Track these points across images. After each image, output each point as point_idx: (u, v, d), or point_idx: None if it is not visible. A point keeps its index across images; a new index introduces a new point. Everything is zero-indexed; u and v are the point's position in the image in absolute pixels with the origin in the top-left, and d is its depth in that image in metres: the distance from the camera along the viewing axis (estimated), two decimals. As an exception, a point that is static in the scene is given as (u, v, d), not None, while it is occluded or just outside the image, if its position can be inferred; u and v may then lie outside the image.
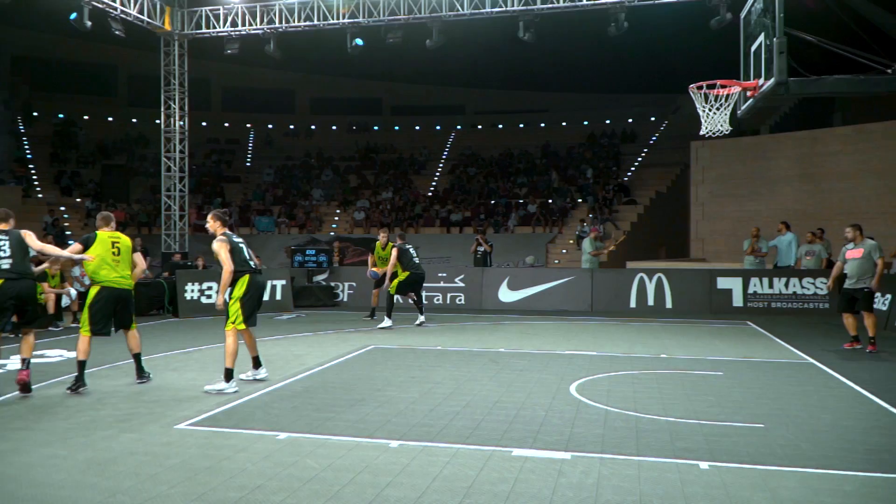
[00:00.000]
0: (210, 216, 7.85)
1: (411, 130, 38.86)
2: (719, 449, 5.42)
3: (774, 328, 12.78)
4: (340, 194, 31.46)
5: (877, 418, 6.42)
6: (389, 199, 30.51)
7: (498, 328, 13.20)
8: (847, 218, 20.58)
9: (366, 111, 40.84)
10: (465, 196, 30.18)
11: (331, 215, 30.36)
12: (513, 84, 40.08)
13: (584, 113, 37.59)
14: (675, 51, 29.67)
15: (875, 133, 21.58)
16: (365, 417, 6.34)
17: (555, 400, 7.05)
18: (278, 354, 9.95)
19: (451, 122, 39.30)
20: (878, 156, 21.17)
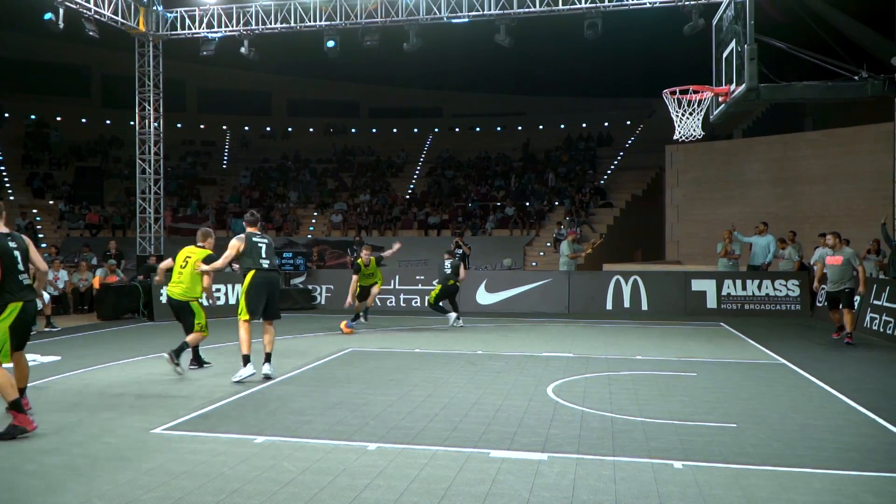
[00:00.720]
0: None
1: (389, 133, 38.82)
2: (693, 448, 5.51)
3: (747, 329, 12.98)
4: (318, 197, 31.34)
5: (846, 417, 6.56)
6: (367, 202, 30.46)
7: (476, 330, 13.24)
8: (818, 221, 20.99)
9: (343, 113, 40.76)
10: (443, 199, 30.21)
11: (308, 218, 30.21)
12: (490, 87, 40.30)
13: (560, 116, 37.85)
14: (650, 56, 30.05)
15: (844, 138, 22.02)
16: (343, 420, 6.34)
17: (532, 401, 7.10)
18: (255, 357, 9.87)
19: (428, 125, 39.33)
20: (847, 160, 21.60)
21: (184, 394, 7.52)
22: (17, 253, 6.02)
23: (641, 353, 10.28)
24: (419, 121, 39.80)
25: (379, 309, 16.60)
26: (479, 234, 26.81)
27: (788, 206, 22.60)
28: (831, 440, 5.77)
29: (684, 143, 11.83)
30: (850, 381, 8.21)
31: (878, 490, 4.65)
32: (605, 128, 35.86)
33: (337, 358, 9.75)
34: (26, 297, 6.00)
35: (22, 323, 6.01)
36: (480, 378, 8.37)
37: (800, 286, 15.39)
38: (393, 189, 32.29)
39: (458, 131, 39.24)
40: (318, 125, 39.94)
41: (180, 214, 29.36)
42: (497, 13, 17.00)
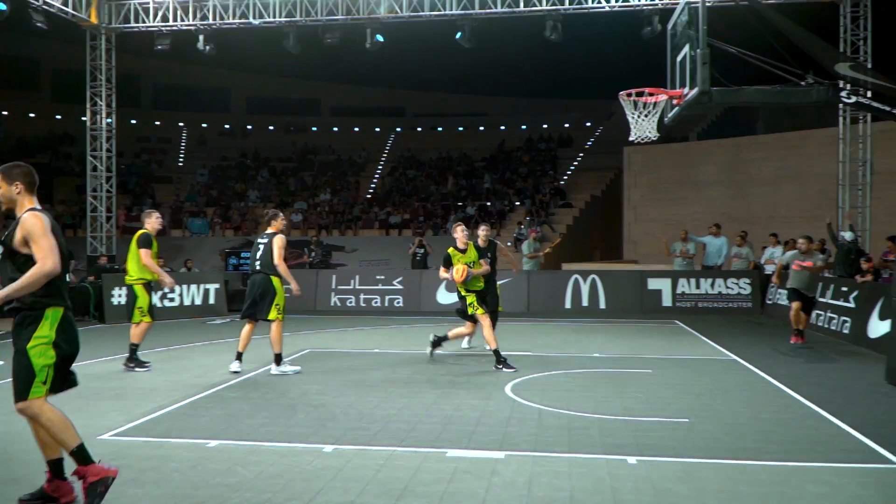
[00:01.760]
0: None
1: (350, 132, 38.60)
2: (646, 444, 5.62)
3: (701, 327, 13.27)
4: (277, 196, 31.01)
5: (792, 411, 6.77)
6: (328, 201, 30.26)
7: (436, 330, 13.23)
8: (768, 222, 21.55)
9: (304, 112, 40.37)
10: (405, 198, 30.18)
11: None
12: (453, 88, 40.35)
13: (522, 117, 38.12)
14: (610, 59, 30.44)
15: (793, 141, 22.66)
16: (299, 422, 6.30)
17: (490, 400, 7.15)
18: (210, 360, 9.76)
19: (390, 125, 39.19)
20: (795, 162, 22.24)
21: (135, 398, 7.37)
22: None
23: (599, 351, 10.43)
24: (381, 120, 39.63)
25: (338, 309, 16.53)
26: (440, 234, 26.82)
27: (740, 207, 23.16)
28: (778, 433, 5.94)
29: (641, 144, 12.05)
30: (797, 377, 8.46)
31: (821, 480, 4.81)
32: (566, 129, 36.24)
33: (293, 359, 9.68)
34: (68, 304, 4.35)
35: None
36: (439, 378, 8.39)
37: (751, 284, 15.78)
38: (354, 188, 32.12)
39: (420, 131, 39.18)
40: (278, 123, 39.48)
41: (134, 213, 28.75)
42: (459, 13, 17.04)
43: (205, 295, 15.76)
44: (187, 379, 8.32)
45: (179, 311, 15.17)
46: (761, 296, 15.72)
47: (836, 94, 8.79)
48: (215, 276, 16.50)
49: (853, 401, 7.21)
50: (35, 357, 4.12)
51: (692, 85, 8.59)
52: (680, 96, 8.97)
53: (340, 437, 5.81)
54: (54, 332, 4.17)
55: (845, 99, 8.98)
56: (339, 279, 17.08)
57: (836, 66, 8.91)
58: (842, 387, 7.95)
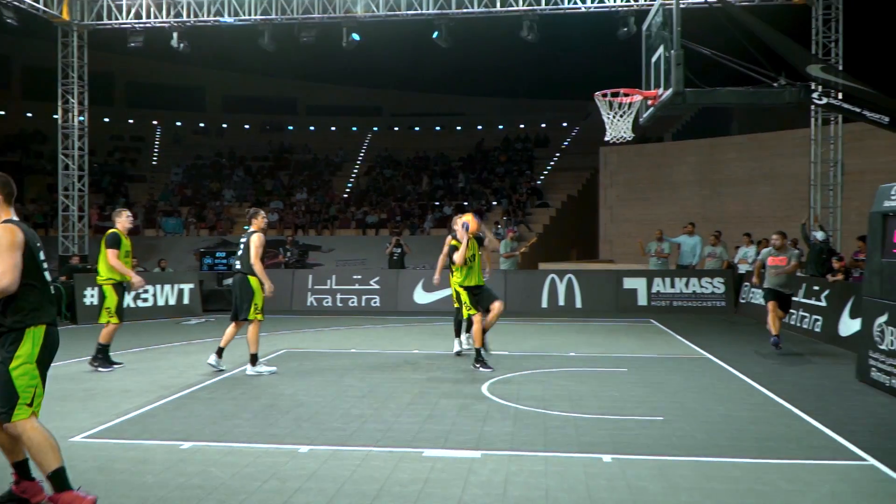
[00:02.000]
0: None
1: (327, 131, 38.42)
2: (621, 442, 5.65)
3: (675, 325, 13.40)
4: (253, 195, 30.77)
5: (765, 408, 6.85)
6: (304, 201, 30.09)
7: (412, 330, 13.23)
8: (742, 222, 21.82)
9: (280, 111, 40.14)
10: (382, 198, 30.10)
11: (242, 216, 29.43)
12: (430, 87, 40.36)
13: (499, 117, 38.21)
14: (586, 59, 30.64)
15: (766, 142, 22.96)
16: (274, 423, 6.25)
17: (467, 400, 7.15)
18: (184, 360, 9.65)
19: (367, 124, 39.06)
20: (769, 163, 22.54)
21: (107, 399, 7.27)
22: (42, 255, 4.19)
23: (575, 350, 10.48)
24: (358, 119, 39.48)
25: (314, 309, 16.44)
26: (417, 234, 26.80)
27: (714, 207, 23.42)
28: (751, 430, 6.01)
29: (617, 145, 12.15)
30: (770, 374, 8.58)
31: (792, 477, 4.87)
32: (542, 129, 36.39)
33: (269, 359, 9.60)
34: (53, 318, 4.18)
35: (49, 355, 4.18)
36: (416, 378, 8.38)
37: (725, 284, 15.96)
38: (331, 188, 31.97)
39: (397, 130, 39.10)
40: (254, 122, 39.17)
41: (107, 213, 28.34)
42: (435, 13, 17.02)
43: (179, 295, 15.59)
44: (161, 380, 8.22)
45: (153, 312, 14.99)
46: (735, 295, 15.91)
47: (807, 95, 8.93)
48: (190, 276, 16.32)
49: (825, 398, 7.32)
50: (18, 378, 3.96)
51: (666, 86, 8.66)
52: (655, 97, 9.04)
53: (316, 437, 5.77)
54: (38, 350, 4.03)
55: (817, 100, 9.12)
56: (316, 279, 16.99)
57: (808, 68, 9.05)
58: (814, 385, 8.07)
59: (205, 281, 16.56)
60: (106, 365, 8.87)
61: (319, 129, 38.61)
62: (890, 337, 7.63)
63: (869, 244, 8.45)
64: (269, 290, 8.57)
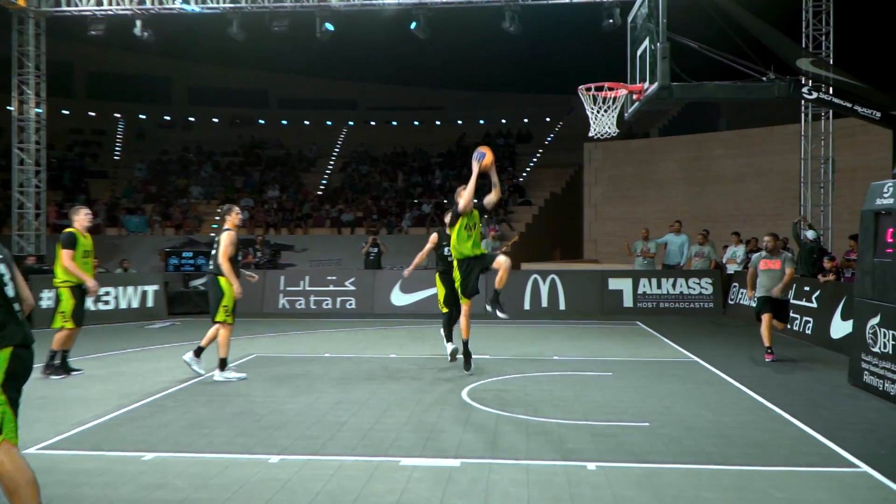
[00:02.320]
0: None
1: (300, 125, 38.22)
2: (606, 449, 5.67)
3: (662, 328, 13.49)
4: (222, 192, 30.50)
5: (754, 413, 6.91)
6: (276, 198, 29.90)
7: (389, 333, 13.20)
8: (730, 220, 22.03)
9: (250, 103, 39.90)
10: (358, 195, 30.01)
11: (211, 215, 29.28)
12: (408, 80, 40.32)
13: (480, 112, 38.25)
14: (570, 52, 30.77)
15: (755, 137, 23.19)
16: (243, 432, 6.19)
17: (446, 406, 7.14)
18: (147, 366, 9.53)
19: (342, 118, 38.91)
20: (758, 160, 22.77)
21: (65, 408, 7.15)
22: (4, 268, 4.00)
23: (558, 354, 10.51)
24: (332, 113, 39.31)
25: (287, 311, 16.34)
26: (394, 233, 26.73)
27: (702, 205, 23.62)
28: (740, 436, 6.06)
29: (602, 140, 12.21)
30: (759, 378, 8.65)
31: (783, 485, 4.91)
32: (525, 124, 36.49)
33: (238, 365, 9.51)
34: (23, 339, 4.01)
35: (17, 379, 4.00)
36: (393, 383, 8.36)
37: (713, 284, 16.10)
38: (304, 185, 31.82)
39: (373, 125, 38.98)
40: (222, 115, 38.86)
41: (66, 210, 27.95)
42: (414, 2, 16.98)
43: (142, 297, 15.41)
44: (122, 387, 8.11)
45: (115, 315, 14.79)
46: (723, 296, 16.05)
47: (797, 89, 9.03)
48: (154, 278, 16.13)
49: (816, 403, 7.40)
50: None
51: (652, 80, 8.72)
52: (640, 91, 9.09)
53: (287, 446, 5.73)
54: (3, 375, 3.85)
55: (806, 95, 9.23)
56: (288, 280, 16.89)
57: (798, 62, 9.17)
58: (804, 389, 8.15)
59: (170, 282, 16.37)
60: (59, 372, 8.72)
61: (292, 123, 38.38)
62: (883, 339, 7.72)
63: (860, 243, 8.54)
64: (237, 292, 8.42)
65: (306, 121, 38.63)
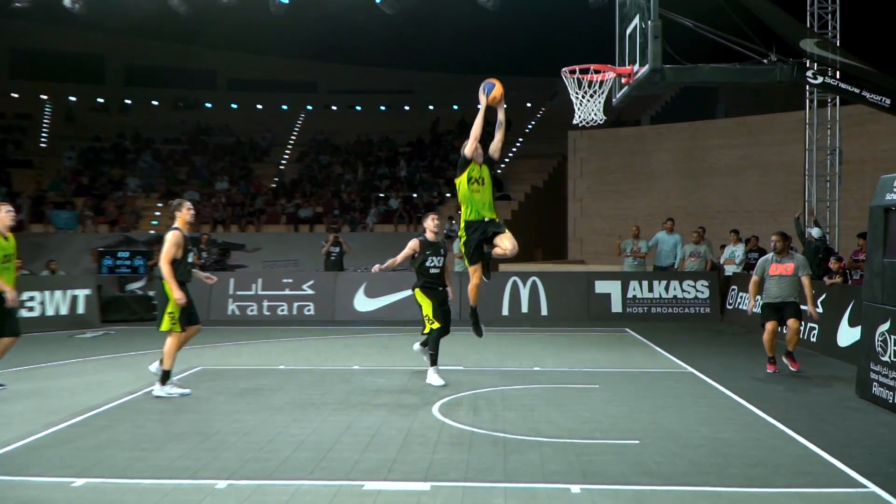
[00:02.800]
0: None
1: (252, 109, 38.07)
2: (592, 470, 5.70)
3: (654, 335, 13.60)
4: (163, 184, 30.26)
5: (754, 429, 7.00)
6: (225, 191, 29.70)
7: (352, 342, 13.17)
8: (728, 216, 22.28)
9: (196, 84, 39.71)
10: (317, 188, 29.89)
11: (150, 210, 29.10)
12: (373, 60, 40.18)
13: (453, 95, 38.26)
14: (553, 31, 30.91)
15: (756, 126, 23.49)
16: (186, 454, 6.13)
17: (415, 423, 7.14)
18: (78, 381, 9.40)
19: (300, 102, 38.82)
20: (758, 151, 23.06)
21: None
22: None
23: (539, 365, 10.56)
24: (289, 96, 39.19)
25: (237, 318, 16.21)
26: (358, 230, 26.68)
27: (697, 200, 23.87)
28: (739, 454, 6.13)
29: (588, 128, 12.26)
30: (760, 391, 8.77)
31: (784, 508, 4.98)
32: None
33: (183, 378, 9.41)
34: None
35: None
36: (356, 398, 8.34)
37: (709, 287, 16.27)
38: (256, 176, 31.64)
39: (335, 110, 38.93)
40: (163, 97, 38.62)
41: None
42: (379, -27, 16.91)
43: (72, 303, 15.20)
44: (49, 404, 8.00)
45: (41, 323, 14.54)
46: (721, 300, 16.23)
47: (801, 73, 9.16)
48: (85, 281, 15.93)
49: (820, 418, 7.51)
50: None
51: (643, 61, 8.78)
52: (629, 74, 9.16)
53: (236, 470, 5.69)
54: None
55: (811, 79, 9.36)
56: (239, 283, 16.78)
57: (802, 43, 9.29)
58: (808, 402, 8.28)
59: (104, 286, 16.21)
60: None
61: (243, 107, 38.20)
62: (893, 347, 7.82)
63: (869, 242, 8.64)
64: (178, 299, 8.28)
65: (259, 104, 38.49)
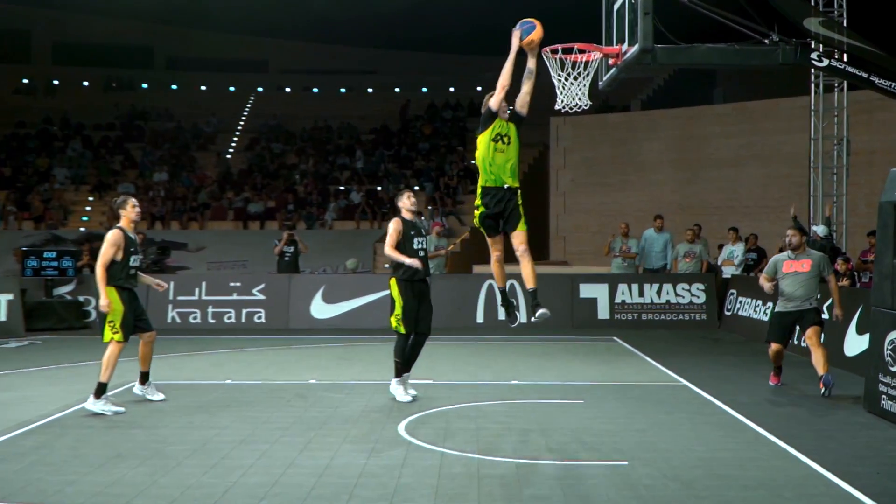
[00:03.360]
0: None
1: (195, 91, 37.90)
2: (575, 494, 5.73)
3: (644, 345, 13.71)
4: (94, 176, 30.02)
5: (754, 448, 7.08)
6: (164, 183, 29.50)
7: (308, 353, 13.14)
8: (727, 213, 22.52)
9: (131, 63, 39.53)
10: (269, 181, 29.76)
11: (80, 204, 28.87)
12: (332, 36, 40.10)
13: (422, 77, 38.30)
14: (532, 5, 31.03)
15: (756, 113, 23.76)
16: (121, 479, 6.09)
17: (378, 443, 7.14)
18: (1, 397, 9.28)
19: (249, 82, 38.74)
20: (760, 139, 23.32)
21: None
22: None
23: (518, 378, 10.59)
24: (236, 76, 39.07)
25: (177, 327, 16.08)
26: (315, 228, 26.62)
27: (692, 194, 24.06)
28: (737, 476, 6.19)
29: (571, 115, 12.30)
30: (760, 405, 8.87)
31: (786, 534, 5.04)
32: (478, 93, 36.62)
33: (118, 394, 9.32)
34: None
35: None
36: (313, 415, 8.33)
37: (706, 291, 16.44)
38: (200, 166, 31.45)
39: (288, 92, 38.79)
40: (95, 77, 38.35)
41: None
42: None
43: (-8, 310, 15.05)
44: (-38, 426, 7.88)
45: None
46: (718, 305, 16.39)
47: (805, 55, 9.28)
48: (7, 284, 15.78)
49: (826, 435, 7.61)
50: None
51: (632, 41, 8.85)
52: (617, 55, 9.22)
53: (176, 498, 5.66)
54: None
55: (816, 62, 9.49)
56: (180, 287, 16.68)
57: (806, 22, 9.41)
58: (812, 418, 8.39)
59: (28, 290, 16.08)
60: None
61: (184, 89, 38.04)
62: (903, 356, 7.94)
63: (878, 241, 8.72)
64: (103, 305, 8.36)
65: (203, 85, 38.28)
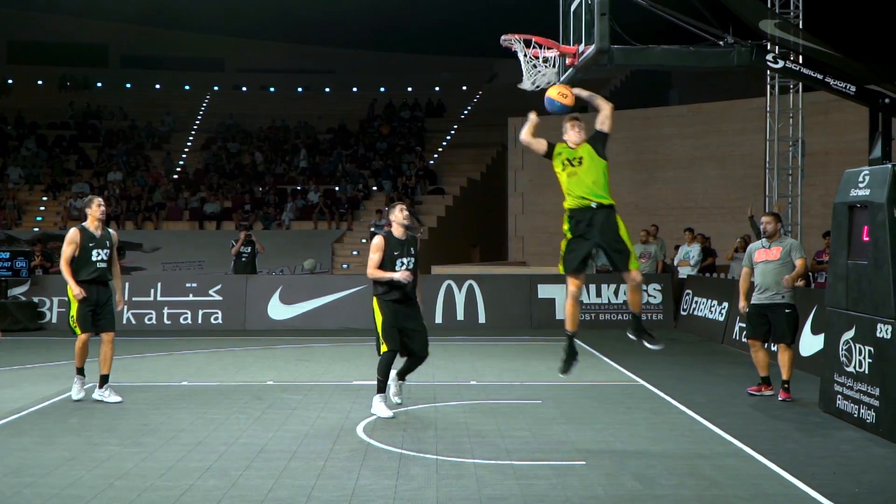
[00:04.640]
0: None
1: (150, 90, 37.67)
2: (533, 494, 5.75)
3: (602, 345, 13.78)
4: (49, 175, 29.63)
5: (710, 447, 7.16)
6: (119, 183, 29.20)
7: (266, 354, 13.09)
8: (682, 213, 22.77)
9: (85, 61, 39.15)
10: (225, 180, 29.53)
11: (34, 204, 28.49)
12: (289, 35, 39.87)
13: (380, 77, 38.23)
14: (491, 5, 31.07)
15: (711, 113, 24.06)
16: (76, 482, 6.01)
17: (336, 444, 7.13)
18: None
19: (205, 81, 38.54)
20: (715, 141, 23.61)
21: None
22: None
23: (476, 378, 10.65)
24: (192, 75, 38.81)
25: (132, 328, 15.87)
26: (273, 228, 26.47)
27: (649, 195, 24.28)
28: (692, 475, 6.26)
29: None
30: (715, 404, 8.98)
31: (742, 531, 5.09)
32: (436, 93, 36.71)
33: (65, 399, 9.18)
34: None
35: None
36: (270, 417, 8.30)
37: (661, 291, 16.61)
38: (154, 166, 31.16)
39: (245, 91, 38.60)
40: (49, 76, 37.83)
41: None
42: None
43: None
44: None
45: None
46: (675, 306, 16.56)
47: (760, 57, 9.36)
48: (-44, 286, 15.47)
49: (781, 434, 7.71)
50: None
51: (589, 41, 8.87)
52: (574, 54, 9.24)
53: (132, 500, 5.59)
54: None
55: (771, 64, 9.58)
56: (135, 288, 16.53)
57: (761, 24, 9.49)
58: (768, 417, 8.49)
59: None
60: None
61: (139, 87, 37.72)
62: (858, 357, 7.96)
63: (833, 242, 8.81)
64: (76, 294, 8.74)
65: (157, 84, 37.94)
